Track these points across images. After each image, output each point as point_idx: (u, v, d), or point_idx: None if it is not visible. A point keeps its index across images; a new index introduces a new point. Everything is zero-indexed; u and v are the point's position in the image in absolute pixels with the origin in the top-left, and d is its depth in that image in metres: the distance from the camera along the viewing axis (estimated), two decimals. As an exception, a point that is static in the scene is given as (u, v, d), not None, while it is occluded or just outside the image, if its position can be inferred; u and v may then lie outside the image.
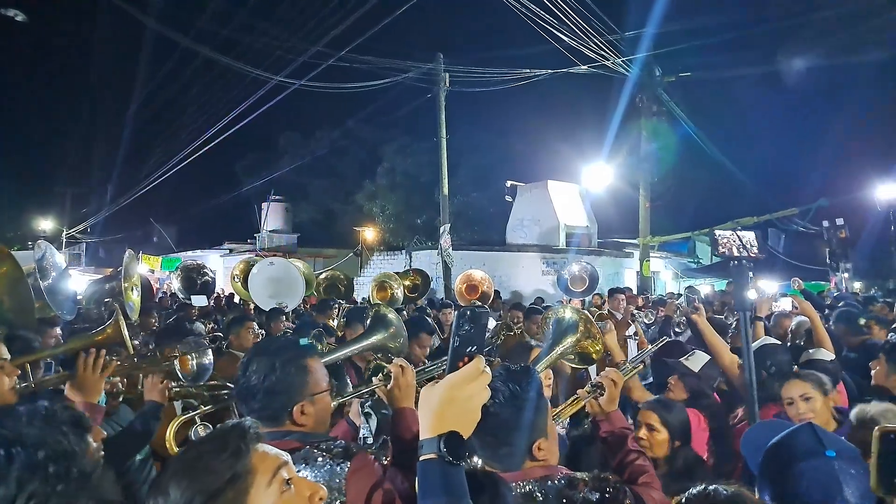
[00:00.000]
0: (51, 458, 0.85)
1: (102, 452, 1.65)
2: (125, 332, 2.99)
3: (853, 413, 2.34)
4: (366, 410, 2.27)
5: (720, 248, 2.75)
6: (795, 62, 15.52)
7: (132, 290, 5.21)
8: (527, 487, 1.57)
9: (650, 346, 2.91)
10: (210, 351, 3.38)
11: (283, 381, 1.68)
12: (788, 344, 4.91)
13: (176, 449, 1.77)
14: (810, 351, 3.83)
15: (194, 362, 3.18)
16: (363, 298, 11.00)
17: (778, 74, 16.72)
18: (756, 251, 2.81)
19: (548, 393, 2.50)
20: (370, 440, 2.33)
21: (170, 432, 1.77)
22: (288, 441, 1.61)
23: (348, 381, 3.39)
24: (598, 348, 2.71)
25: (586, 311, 2.79)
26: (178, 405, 3.09)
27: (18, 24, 12.32)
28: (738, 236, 2.81)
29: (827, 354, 3.71)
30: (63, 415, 1.10)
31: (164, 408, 2.77)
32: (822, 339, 3.94)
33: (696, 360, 3.50)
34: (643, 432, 2.56)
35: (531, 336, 5.43)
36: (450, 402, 1.10)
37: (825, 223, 14.61)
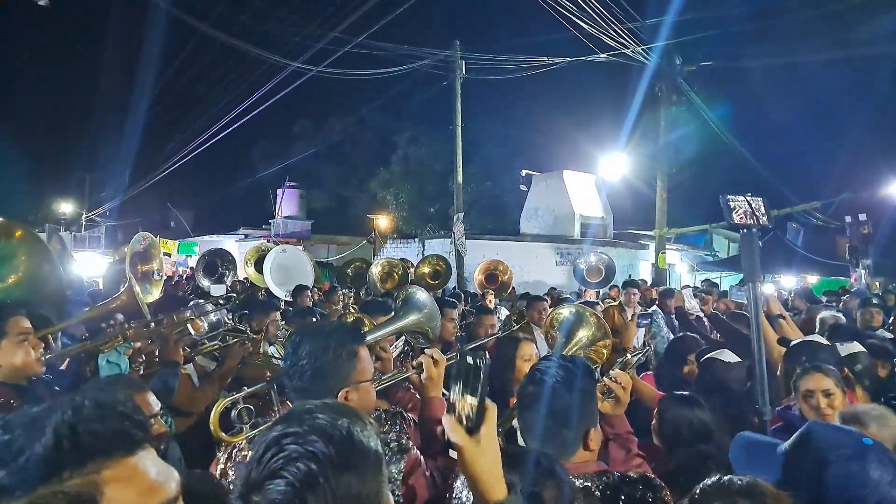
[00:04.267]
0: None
1: None
2: (139, 298, 3.09)
3: (839, 413, 2.28)
4: None
5: (735, 215, 2.60)
6: (818, 53, 15.16)
7: (154, 273, 5.29)
8: (584, 482, 1.56)
9: (643, 349, 2.82)
10: (214, 307, 3.51)
11: (333, 364, 1.67)
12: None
13: (221, 432, 1.76)
14: (842, 345, 3.75)
15: (205, 323, 3.35)
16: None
17: (800, 65, 16.35)
18: (766, 218, 2.69)
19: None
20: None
21: (214, 415, 1.76)
22: None
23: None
24: (606, 350, 2.65)
25: (594, 310, 2.72)
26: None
27: (39, 9, 12.41)
28: (749, 202, 2.68)
29: (857, 347, 3.62)
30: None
31: (180, 366, 2.90)
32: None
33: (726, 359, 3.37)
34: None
35: (536, 325, 5.37)
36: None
37: (848, 218, 14.32)
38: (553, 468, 1.43)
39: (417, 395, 2.46)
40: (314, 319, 4.79)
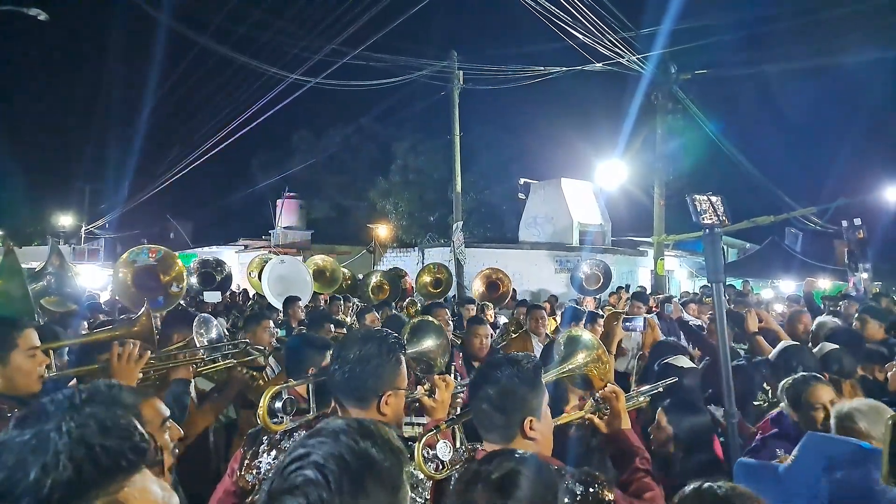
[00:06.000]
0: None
1: None
2: (153, 328, 3.06)
3: (833, 411, 2.27)
4: None
5: (701, 214, 2.62)
6: (811, 60, 15.28)
7: (173, 285, 5.32)
8: None
9: (660, 382, 2.82)
10: (217, 324, 3.51)
11: (382, 369, 1.79)
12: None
13: (269, 420, 1.85)
14: (815, 348, 3.79)
15: (206, 339, 3.32)
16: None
17: (795, 72, 16.46)
18: (726, 218, 2.71)
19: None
20: None
21: (264, 402, 1.85)
22: None
23: None
24: (606, 377, 2.66)
25: (600, 341, 2.75)
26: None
27: (39, 23, 12.50)
28: (711, 201, 2.70)
29: (829, 345, 3.65)
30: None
31: (190, 384, 2.83)
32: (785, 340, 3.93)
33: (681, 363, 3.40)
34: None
35: (534, 333, 5.38)
36: None
37: (844, 223, 14.37)
38: (553, 481, 1.43)
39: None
40: (331, 326, 4.82)
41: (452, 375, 2.72)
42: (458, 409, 2.98)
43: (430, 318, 3.04)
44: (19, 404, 2.13)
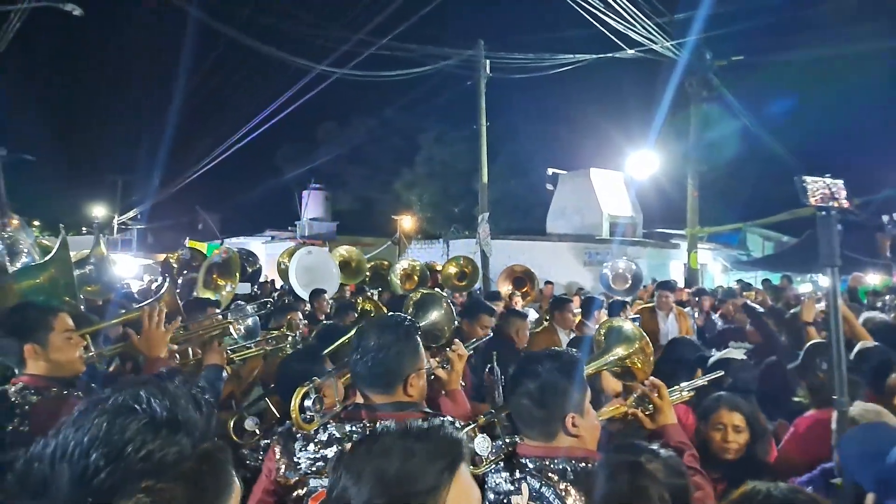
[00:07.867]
0: None
1: None
2: (178, 299, 3.12)
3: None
4: None
5: (811, 196, 2.44)
6: (855, 45, 14.61)
7: (228, 286, 5.45)
8: (561, 465, 1.61)
9: (705, 376, 2.68)
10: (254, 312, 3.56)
11: (403, 353, 1.87)
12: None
13: (301, 421, 1.90)
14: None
15: (242, 326, 3.44)
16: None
17: (835, 58, 15.78)
18: (847, 203, 2.53)
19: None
20: None
21: (295, 403, 1.90)
22: (411, 412, 1.82)
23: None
24: (647, 369, 2.52)
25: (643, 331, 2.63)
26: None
27: (73, 18, 12.71)
28: (827, 184, 2.54)
29: (868, 343, 3.59)
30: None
31: (223, 368, 2.89)
32: (860, 335, 3.78)
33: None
34: (731, 436, 2.41)
35: (560, 327, 5.19)
36: None
37: (884, 217, 13.83)
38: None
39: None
40: (355, 314, 4.86)
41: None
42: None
43: (433, 291, 3.19)
44: (67, 386, 2.21)
